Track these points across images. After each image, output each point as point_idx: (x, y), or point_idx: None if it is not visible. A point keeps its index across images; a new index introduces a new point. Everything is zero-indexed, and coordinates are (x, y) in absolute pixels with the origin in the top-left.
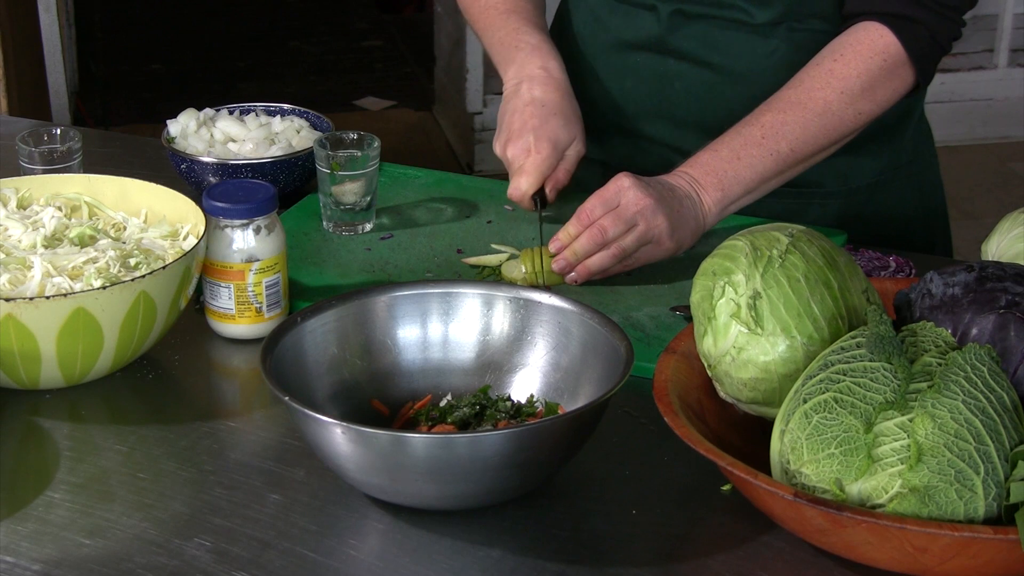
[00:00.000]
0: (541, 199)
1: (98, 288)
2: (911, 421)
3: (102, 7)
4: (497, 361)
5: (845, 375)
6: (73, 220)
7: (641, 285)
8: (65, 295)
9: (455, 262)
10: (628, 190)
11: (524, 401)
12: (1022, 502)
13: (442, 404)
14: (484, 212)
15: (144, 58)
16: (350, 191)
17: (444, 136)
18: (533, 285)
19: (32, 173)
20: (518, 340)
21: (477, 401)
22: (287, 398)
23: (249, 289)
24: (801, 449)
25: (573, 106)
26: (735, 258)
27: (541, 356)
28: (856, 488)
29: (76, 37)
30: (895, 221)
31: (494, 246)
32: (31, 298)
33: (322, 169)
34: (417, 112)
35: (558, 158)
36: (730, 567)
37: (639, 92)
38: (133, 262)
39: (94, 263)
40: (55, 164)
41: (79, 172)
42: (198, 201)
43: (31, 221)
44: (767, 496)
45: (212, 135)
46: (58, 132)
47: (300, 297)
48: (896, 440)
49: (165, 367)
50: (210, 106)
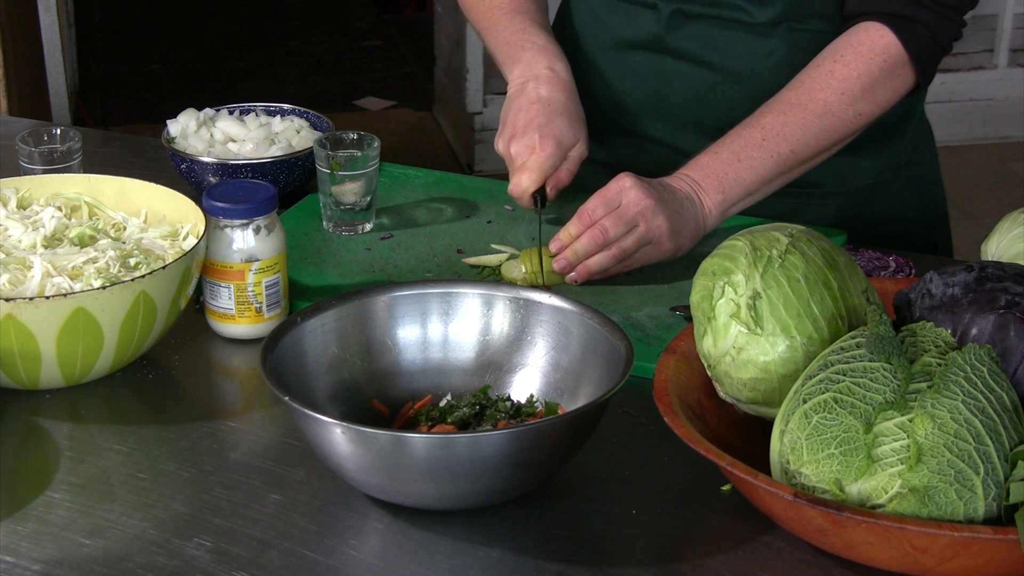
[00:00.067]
0: (541, 198)
1: (98, 288)
2: (911, 421)
3: (102, 7)
4: (497, 361)
5: (845, 375)
6: (73, 220)
7: (641, 285)
8: (65, 295)
9: (455, 262)
10: (629, 190)
11: (524, 401)
12: (1022, 502)
13: (442, 404)
14: (484, 212)
15: (144, 58)
16: (350, 191)
17: (444, 136)
18: (533, 285)
19: (32, 173)
20: (518, 340)
21: (477, 401)
22: (287, 398)
23: (249, 289)
24: (801, 449)
25: (578, 108)
26: (735, 258)
27: (541, 356)
28: (856, 488)
29: (76, 37)
30: (895, 221)
31: (494, 246)
32: (31, 298)
33: (322, 169)
34: (417, 112)
35: (561, 157)
36: (730, 567)
37: (638, 91)
38: (133, 262)
39: (94, 263)
40: (55, 164)
41: (79, 172)
42: (198, 201)
43: (31, 221)
44: (767, 496)
45: (212, 135)
46: (58, 132)
47: (300, 297)
48: (896, 440)
49: (165, 367)
50: (210, 106)
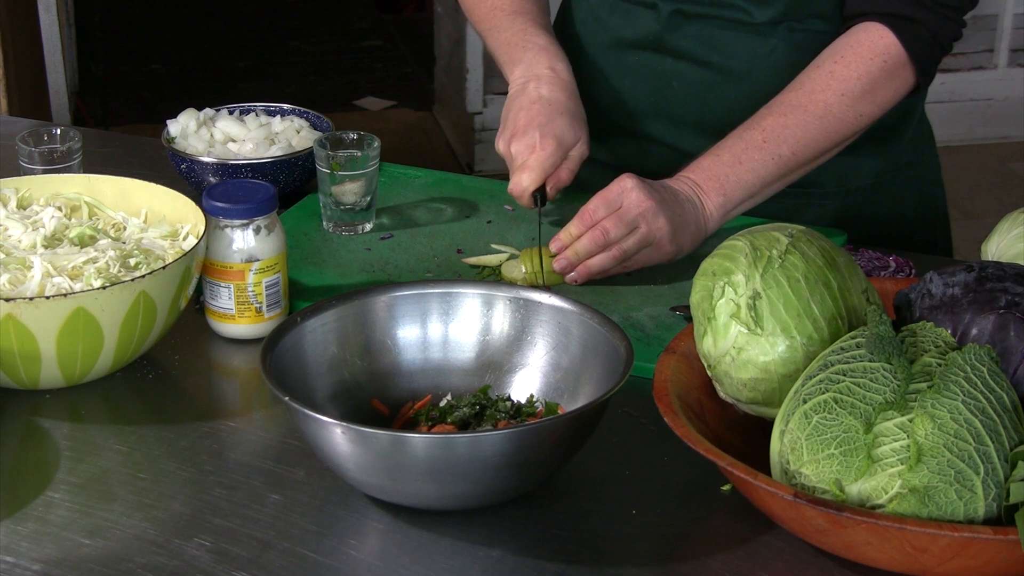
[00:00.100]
0: (541, 197)
1: (98, 288)
2: (911, 421)
3: (102, 7)
4: (497, 361)
5: (845, 375)
6: (73, 220)
7: (641, 285)
8: (65, 295)
9: (455, 262)
10: (631, 191)
11: (524, 401)
12: (1022, 502)
13: (442, 404)
14: (484, 212)
15: (144, 58)
16: (350, 191)
17: (444, 136)
18: (533, 285)
19: (32, 173)
20: (518, 340)
21: (477, 401)
22: (287, 398)
23: (249, 289)
24: (801, 449)
25: (579, 108)
26: (735, 258)
27: (541, 356)
28: (856, 488)
29: (76, 37)
30: (895, 221)
31: (494, 246)
32: (31, 298)
33: (322, 169)
34: (417, 112)
35: (562, 156)
36: (730, 567)
37: (638, 91)
38: (133, 262)
39: (94, 263)
40: (55, 164)
41: (79, 172)
42: (198, 201)
43: (31, 221)
44: (767, 496)
45: (212, 135)
46: (58, 132)
47: (300, 297)
48: (896, 440)
49: (165, 367)
50: (210, 106)
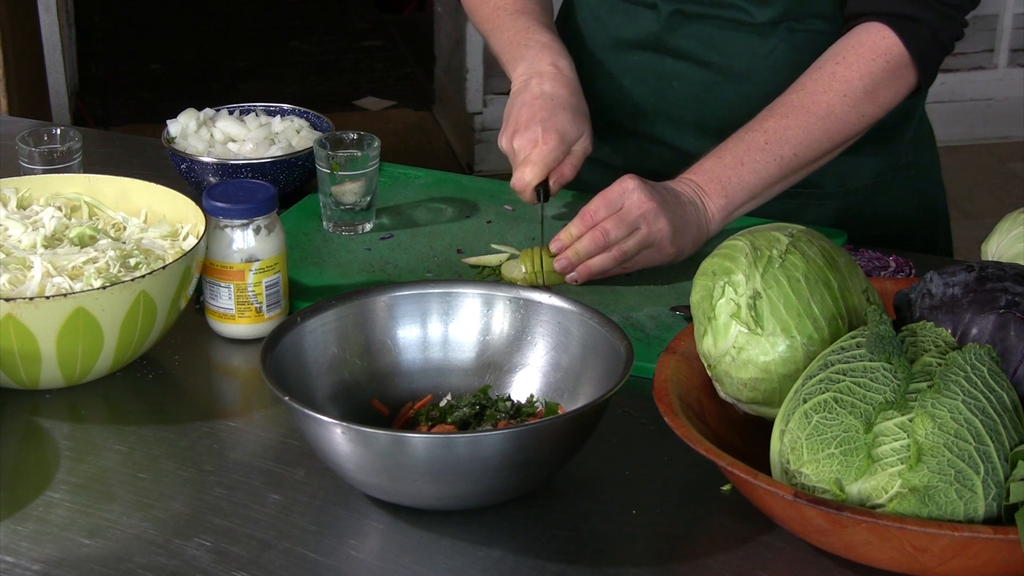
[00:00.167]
0: (544, 192)
1: (98, 288)
2: (911, 421)
3: (102, 7)
4: (497, 361)
5: (845, 375)
6: (73, 220)
7: (641, 285)
8: (65, 295)
9: (455, 262)
10: (632, 192)
11: (524, 401)
12: (1022, 502)
13: (442, 404)
14: (484, 212)
15: (144, 58)
16: (350, 191)
17: (444, 136)
18: (533, 285)
19: (32, 173)
20: (518, 340)
21: (477, 401)
22: (287, 398)
23: (249, 289)
24: (801, 449)
25: (582, 104)
26: (735, 258)
27: (541, 356)
28: (856, 488)
29: (76, 37)
30: (895, 221)
31: (494, 246)
32: (31, 298)
33: (322, 169)
34: (417, 112)
35: (564, 151)
36: (730, 567)
37: (638, 91)
38: (133, 262)
39: (94, 263)
40: (55, 164)
41: (79, 172)
42: (198, 201)
43: (31, 221)
44: (767, 496)
45: (212, 135)
46: (58, 132)
47: (300, 297)
48: (896, 440)
49: (165, 367)
50: (210, 106)
